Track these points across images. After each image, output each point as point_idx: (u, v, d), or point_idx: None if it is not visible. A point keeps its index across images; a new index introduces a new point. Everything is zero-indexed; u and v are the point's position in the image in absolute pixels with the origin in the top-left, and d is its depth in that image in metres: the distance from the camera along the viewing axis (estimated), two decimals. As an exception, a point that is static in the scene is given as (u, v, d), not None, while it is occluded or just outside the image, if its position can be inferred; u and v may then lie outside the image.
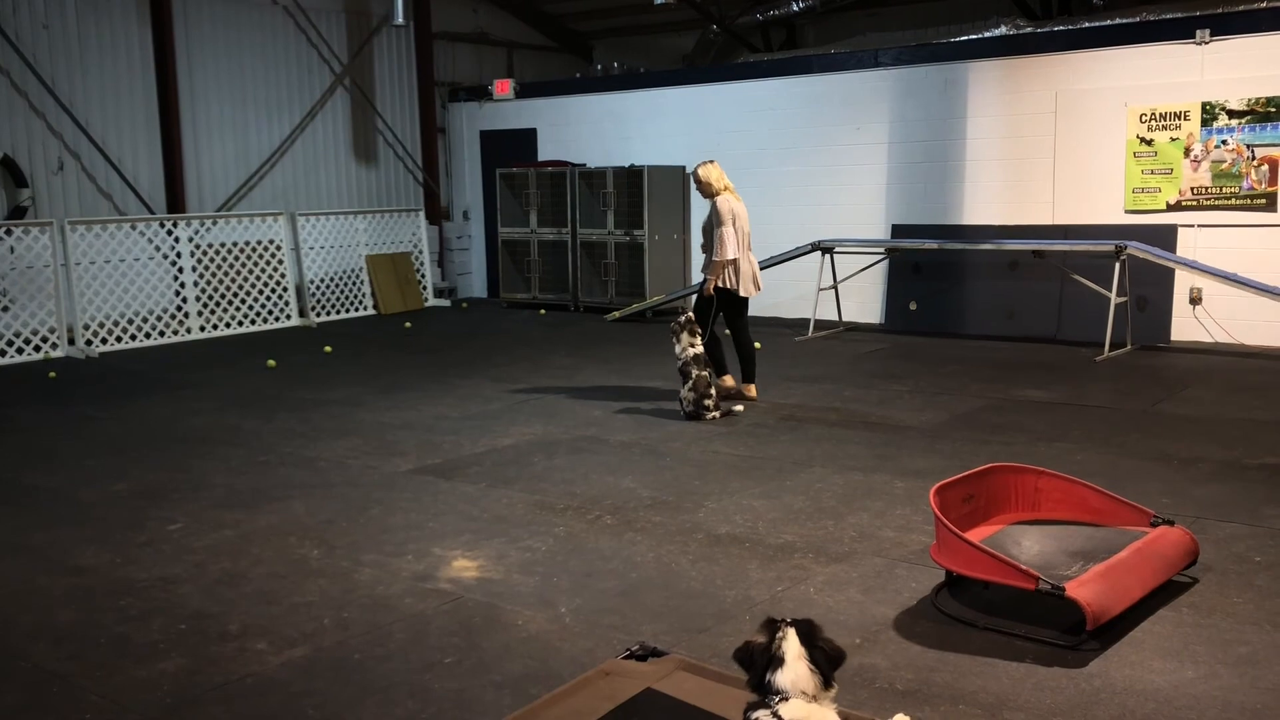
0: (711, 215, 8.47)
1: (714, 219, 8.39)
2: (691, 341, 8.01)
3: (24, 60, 11.85)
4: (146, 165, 13.05)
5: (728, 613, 4.40)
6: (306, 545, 5.35)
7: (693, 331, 8.05)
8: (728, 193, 8.49)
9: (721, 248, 8.25)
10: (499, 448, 7.24)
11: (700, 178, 8.55)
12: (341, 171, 15.16)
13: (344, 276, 14.27)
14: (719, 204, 8.42)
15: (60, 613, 4.55)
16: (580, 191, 14.10)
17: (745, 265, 8.42)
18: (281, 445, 7.42)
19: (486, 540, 5.38)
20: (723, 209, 8.34)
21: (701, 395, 7.91)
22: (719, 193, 8.48)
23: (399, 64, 15.69)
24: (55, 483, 6.56)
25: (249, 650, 4.14)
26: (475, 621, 4.39)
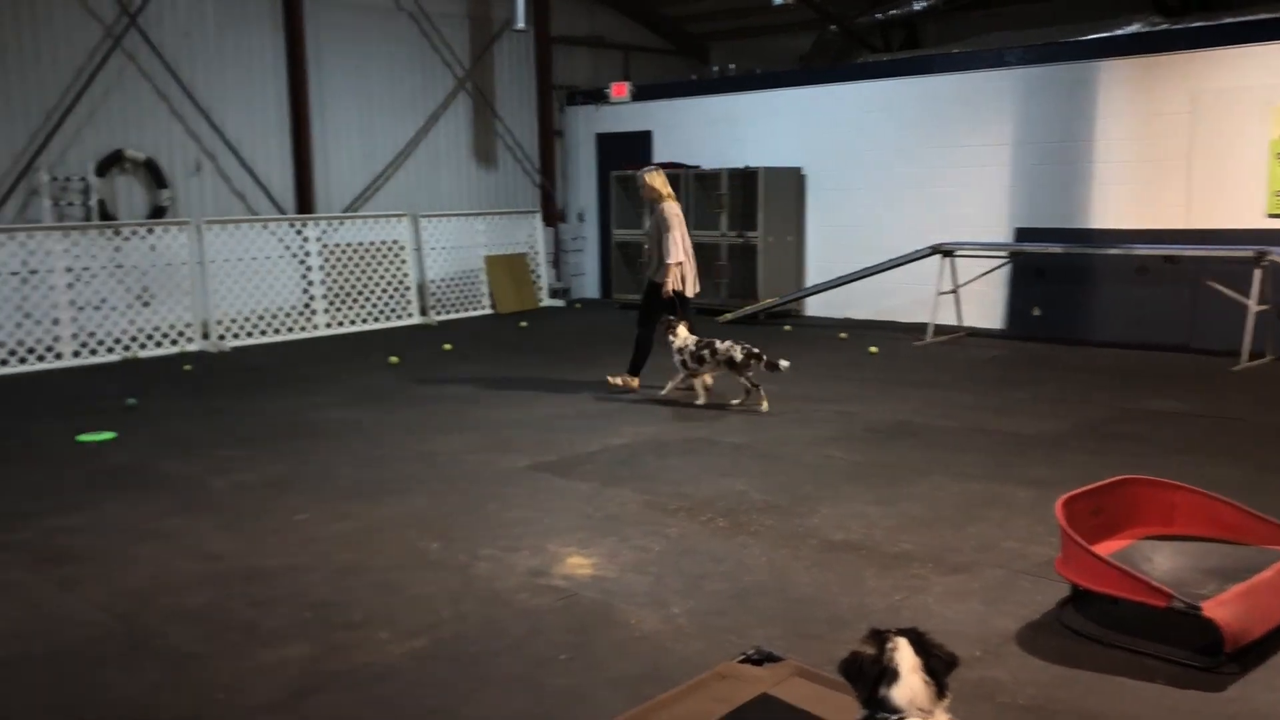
0: (657, 221, 8.81)
1: (660, 225, 8.74)
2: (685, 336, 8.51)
3: (166, 67, 12.42)
4: (278, 167, 13.53)
5: (843, 620, 4.34)
6: (426, 538, 5.48)
7: (671, 329, 8.55)
8: (670, 200, 8.89)
9: (671, 251, 8.65)
10: (611, 447, 7.29)
11: (647, 184, 8.96)
12: (462, 174, 15.48)
13: (463, 276, 14.56)
14: (666, 210, 8.83)
15: (194, 596, 4.75)
16: (694, 193, 14.11)
17: (689, 268, 8.88)
18: (402, 439, 7.60)
19: (600, 538, 5.42)
20: (670, 215, 8.74)
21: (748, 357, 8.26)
22: (663, 199, 8.89)
23: (518, 68, 15.95)
24: (190, 471, 6.85)
25: (371, 639, 4.26)
26: (589, 619, 4.42)
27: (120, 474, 6.82)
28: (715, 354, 8.42)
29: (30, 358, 10.71)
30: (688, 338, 8.54)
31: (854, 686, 2.62)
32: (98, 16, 12.00)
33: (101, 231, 11.38)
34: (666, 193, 8.90)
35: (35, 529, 5.72)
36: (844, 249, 13.40)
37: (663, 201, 8.84)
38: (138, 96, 12.36)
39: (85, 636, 4.34)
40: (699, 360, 8.48)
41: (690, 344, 8.49)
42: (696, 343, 8.50)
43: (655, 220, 8.85)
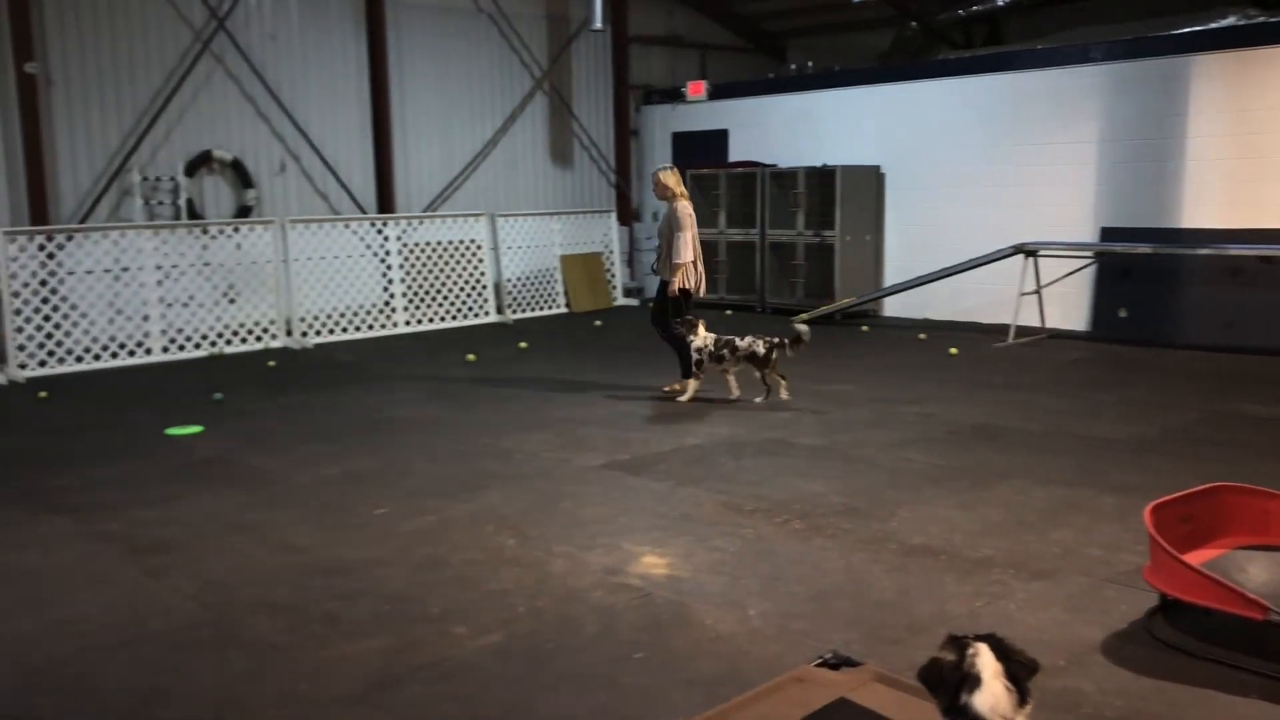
0: (670, 220, 8.78)
1: (673, 224, 8.72)
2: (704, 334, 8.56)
3: (253, 69, 12.71)
4: (359, 167, 13.77)
5: (922, 625, 4.28)
6: (502, 534, 5.52)
7: (693, 328, 8.57)
8: (683, 199, 8.84)
9: (681, 251, 8.63)
10: (685, 446, 7.28)
11: (660, 182, 8.92)
12: (538, 173, 15.59)
13: (539, 275, 14.66)
14: (679, 209, 8.73)
15: (278, 588, 4.85)
16: (770, 192, 14.03)
17: (699, 267, 8.89)
18: (479, 436, 7.68)
19: (674, 538, 5.41)
20: (682, 215, 8.71)
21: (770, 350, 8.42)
22: (676, 198, 8.81)
23: (595, 68, 16.01)
24: (273, 465, 7.00)
25: (448, 634, 4.30)
26: (664, 618, 4.42)
27: (207, 467, 7.00)
28: (736, 351, 8.51)
29: (122, 353, 11.04)
30: (707, 336, 8.59)
31: (934, 694, 2.57)
32: (188, 20, 12.33)
33: (190, 230, 11.69)
34: (680, 191, 8.92)
35: (126, 519, 5.89)
36: (923, 248, 13.21)
37: (676, 200, 8.85)
38: (225, 98, 12.68)
39: (174, 625, 4.46)
40: (718, 359, 8.55)
41: (709, 343, 8.54)
42: (715, 341, 8.55)
43: (667, 219, 8.85)
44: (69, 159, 11.70)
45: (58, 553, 5.38)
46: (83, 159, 11.78)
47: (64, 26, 11.56)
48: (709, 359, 8.57)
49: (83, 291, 10.84)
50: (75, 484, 6.61)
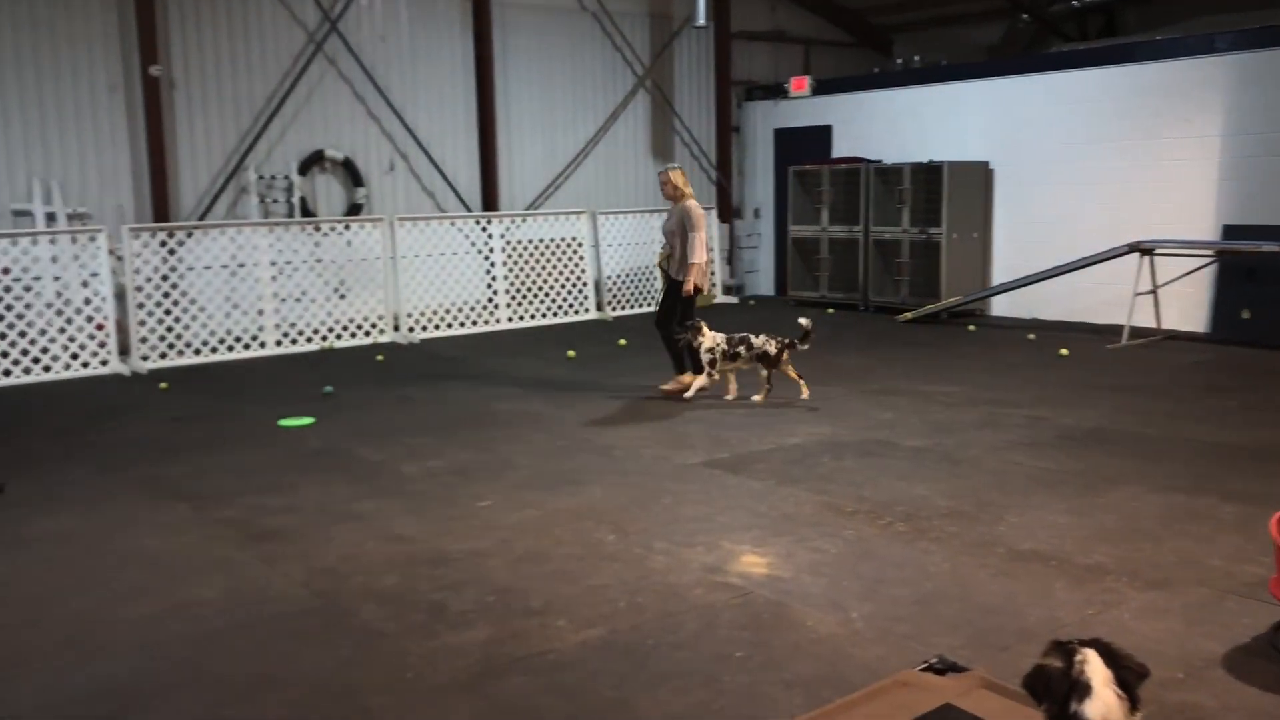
0: (681, 219, 8.69)
1: (686, 223, 8.65)
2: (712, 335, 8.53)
3: (364, 70, 13.02)
4: (465, 166, 14.00)
5: (1031, 632, 4.16)
6: (602, 529, 5.56)
7: (699, 331, 8.52)
8: (693, 199, 8.81)
9: (697, 251, 8.57)
10: (785, 446, 7.22)
11: (671, 181, 8.81)
12: (639, 171, 15.64)
13: (638, 272, 14.71)
14: (692, 209, 8.67)
15: (385, 577, 4.96)
16: (874, 188, 13.83)
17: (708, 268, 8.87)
18: (579, 432, 7.74)
19: (774, 538, 5.38)
20: (696, 214, 8.67)
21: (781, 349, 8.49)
22: (687, 197, 8.76)
23: (697, 64, 15.99)
24: (381, 456, 7.17)
25: (550, 627, 4.35)
26: (764, 618, 4.39)
27: (318, 457, 7.19)
28: (751, 349, 8.50)
29: (238, 346, 11.43)
30: (716, 336, 8.56)
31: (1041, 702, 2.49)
32: (302, 23, 12.69)
33: (303, 227, 12.03)
34: (689, 191, 8.87)
35: (242, 506, 6.09)
36: (1033, 246, 12.87)
37: (686, 199, 8.78)
38: (337, 99, 13.02)
39: (286, 611, 4.60)
40: (732, 358, 8.54)
41: (720, 342, 8.52)
42: (727, 340, 8.54)
43: (679, 218, 8.75)
44: (189, 158, 12.15)
45: (177, 538, 5.59)
46: (202, 158, 12.23)
47: (185, 30, 12.01)
48: (722, 357, 8.55)
49: (201, 286, 11.25)
50: (193, 472, 6.86)
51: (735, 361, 8.58)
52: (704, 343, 8.53)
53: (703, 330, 8.55)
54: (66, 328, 10.36)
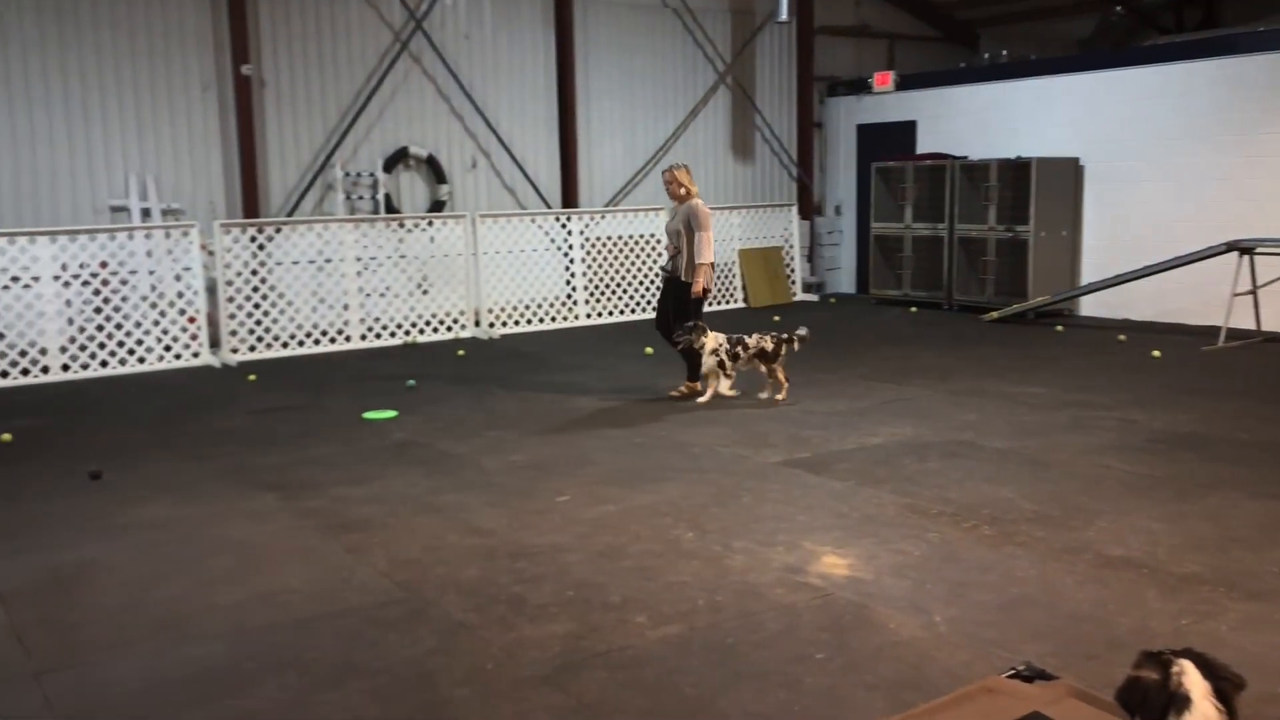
0: (688, 219, 8.55)
1: (693, 223, 8.51)
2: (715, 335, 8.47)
3: (447, 68, 13.18)
4: (545, 163, 14.10)
5: (1121, 641, 4.05)
6: (681, 526, 5.54)
7: (704, 331, 8.46)
8: (699, 198, 8.72)
9: (705, 251, 8.47)
10: (867, 446, 7.13)
11: (679, 180, 8.66)
12: (719, 167, 15.59)
13: (716, 269, 14.64)
14: (699, 208, 8.55)
15: (466, 569, 5.01)
16: (960, 185, 13.59)
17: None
18: (657, 429, 7.74)
19: (856, 539, 5.31)
20: (703, 214, 8.55)
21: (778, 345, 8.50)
22: (693, 196, 8.67)
23: (779, 60, 15.88)
24: (462, 450, 7.25)
25: (629, 622, 4.35)
26: (846, 620, 4.34)
27: (401, 450, 7.30)
28: (748, 348, 8.48)
29: (324, 340, 11.66)
30: (718, 336, 8.51)
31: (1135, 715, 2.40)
32: (388, 22, 12.89)
33: (387, 224, 12.22)
34: (695, 189, 8.78)
35: (327, 497, 6.21)
36: (1125, 245, 12.52)
37: (693, 198, 8.66)
38: (421, 97, 13.20)
39: (369, 600, 4.67)
40: (735, 357, 8.49)
41: (724, 342, 8.48)
42: (728, 339, 8.51)
43: (686, 218, 8.58)
44: (278, 156, 12.43)
45: (265, 527, 5.72)
46: (291, 155, 12.49)
47: (276, 31, 12.28)
48: (728, 356, 8.49)
49: (289, 281, 11.49)
50: (280, 462, 7.01)
51: (736, 361, 8.54)
52: (708, 344, 8.46)
53: (706, 331, 8.50)
54: (160, 320, 10.67)
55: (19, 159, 11.06)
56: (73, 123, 11.29)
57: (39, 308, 10.07)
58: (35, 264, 10.08)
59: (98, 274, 10.40)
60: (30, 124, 11.08)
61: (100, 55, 11.36)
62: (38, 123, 11.12)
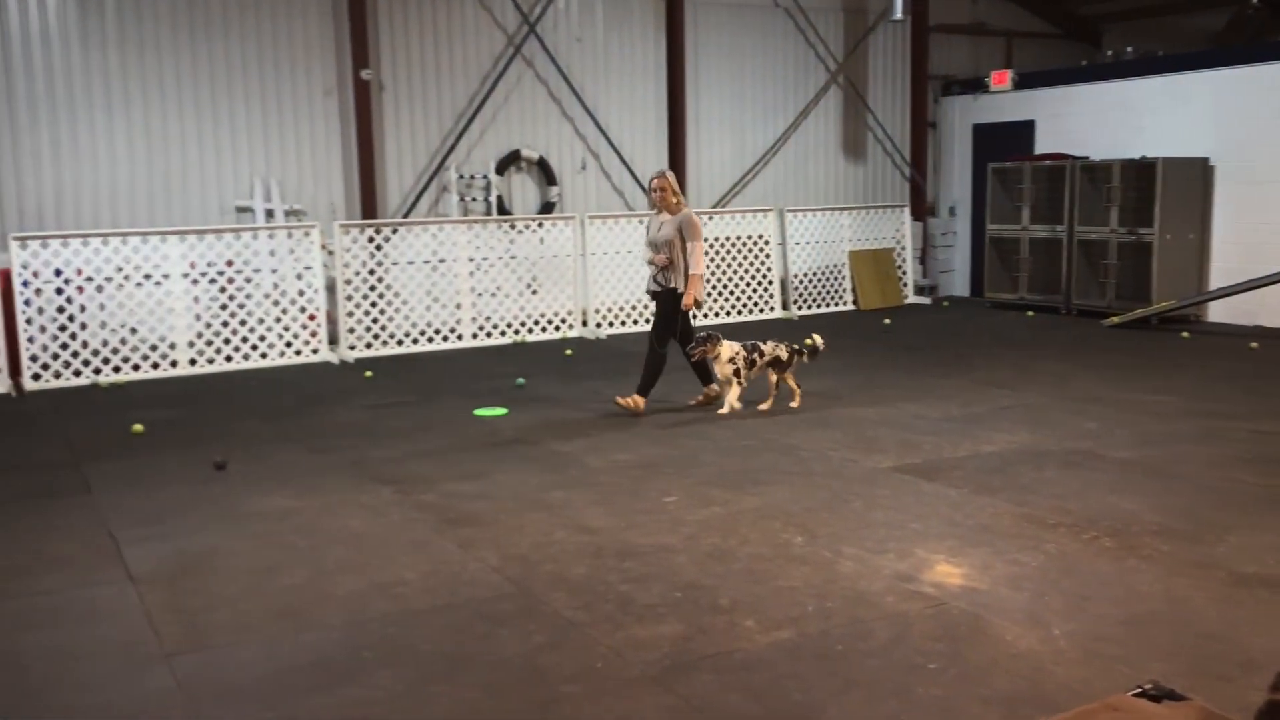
0: (681, 228, 8.20)
1: (686, 232, 8.20)
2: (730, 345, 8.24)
3: (559, 71, 13.32)
4: (654, 164, 14.09)
5: (1256, 663, 3.86)
6: (790, 531, 5.49)
7: (718, 341, 8.22)
8: (687, 206, 8.43)
9: (698, 262, 8.20)
10: (982, 453, 6.96)
11: (670, 186, 8.31)
12: (829, 168, 15.43)
13: (826, 271, 14.50)
14: (693, 218, 8.27)
15: (574, 566, 5.05)
16: (1080, 186, 13.18)
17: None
18: (764, 431, 7.68)
19: (970, 548, 5.18)
20: (697, 224, 8.27)
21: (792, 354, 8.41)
22: (683, 204, 8.37)
23: (892, 59, 15.63)
24: (569, 448, 7.31)
25: (738, 626, 4.32)
26: (960, 630, 4.24)
27: (510, 447, 7.40)
28: (764, 356, 8.31)
29: (436, 338, 11.89)
30: (733, 345, 8.26)
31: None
32: (502, 26, 13.10)
33: (499, 225, 12.41)
34: (683, 198, 8.50)
35: (439, 492, 6.33)
36: (1258, 248, 11.97)
37: (684, 207, 8.34)
38: (533, 100, 13.37)
39: (480, 595, 4.75)
40: (750, 365, 8.27)
41: (740, 350, 8.24)
42: (744, 346, 8.29)
43: (679, 226, 8.19)
44: (395, 158, 12.73)
45: (380, 519, 5.86)
46: (407, 158, 12.78)
47: (394, 36, 12.58)
48: (745, 364, 8.26)
49: (404, 280, 11.76)
50: (395, 456, 7.17)
51: (752, 369, 8.32)
52: (723, 353, 8.22)
53: (720, 341, 8.27)
54: (282, 317, 11.02)
55: (152, 161, 11.56)
56: (202, 127, 11.76)
57: (169, 304, 10.51)
58: (166, 262, 10.52)
59: (223, 272, 10.80)
60: (163, 128, 11.57)
61: (229, 62, 11.80)
62: (170, 127, 11.60)
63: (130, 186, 11.49)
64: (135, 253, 10.38)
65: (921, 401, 8.54)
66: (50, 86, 11.08)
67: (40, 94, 11.04)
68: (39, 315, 10.01)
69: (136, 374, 10.32)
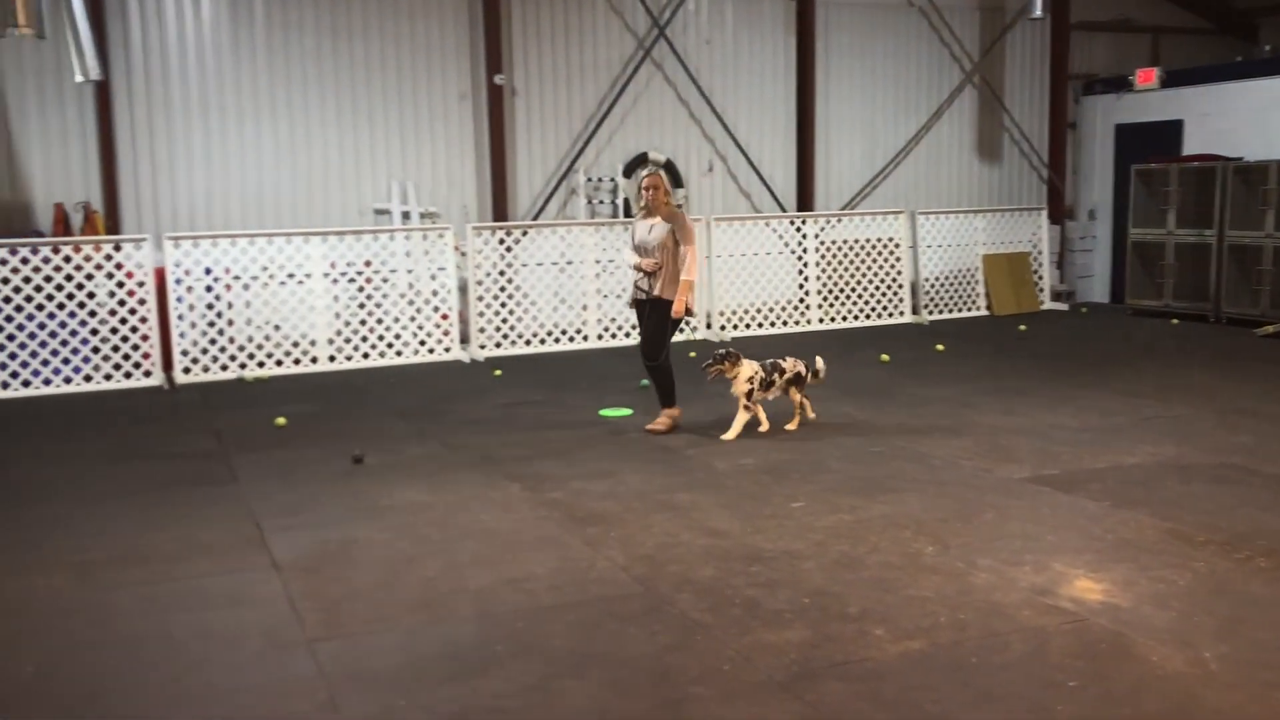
0: (674, 231, 7.69)
1: (680, 235, 7.68)
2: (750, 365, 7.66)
3: (688, 74, 13.35)
4: (781, 166, 14.06)
5: None
6: (920, 540, 5.38)
7: (737, 360, 7.65)
8: (678, 207, 7.95)
9: (692, 267, 7.68)
10: (1123, 465, 6.69)
11: (662, 186, 7.79)
12: (963, 170, 15.08)
13: (958, 275, 14.16)
14: (686, 220, 7.78)
15: (700, 569, 5.05)
16: (1232, 188, 12.56)
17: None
18: (893, 438, 7.55)
19: (1112, 563, 4.99)
20: (690, 226, 7.78)
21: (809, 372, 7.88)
22: (673, 205, 7.87)
23: (1031, 58, 15.20)
24: (694, 450, 7.32)
25: (867, 634, 4.25)
26: (1101, 648, 4.09)
27: (635, 447, 7.44)
28: (783, 373, 7.75)
29: (563, 339, 12.05)
30: (753, 364, 7.66)
31: None
32: (632, 30, 13.20)
33: (625, 227, 12.48)
34: (673, 199, 8.04)
35: (567, 489, 6.41)
36: None
37: (673, 208, 7.81)
38: (661, 102, 13.44)
39: (608, 593, 4.79)
40: (768, 385, 7.69)
41: (759, 370, 7.64)
42: (763, 366, 7.69)
43: (674, 229, 7.67)
44: (526, 162, 12.95)
45: (510, 515, 5.96)
46: (538, 161, 12.99)
47: (527, 41, 12.81)
48: (761, 386, 7.66)
49: (533, 282, 11.94)
50: (523, 454, 7.29)
51: (769, 390, 7.75)
52: (743, 372, 7.60)
53: (740, 359, 7.65)
54: (416, 316, 11.33)
55: (296, 165, 12.02)
56: (343, 132, 12.17)
57: (310, 302, 10.91)
58: (308, 262, 10.92)
59: (361, 272, 11.16)
60: (306, 133, 12.02)
61: (369, 70, 12.19)
62: (312, 132, 12.05)
63: (275, 189, 11.98)
64: (279, 253, 10.80)
65: (1058, 411, 8.27)
66: (203, 94, 11.63)
67: (194, 102, 11.60)
68: (190, 312, 10.51)
69: (279, 369, 10.74)
